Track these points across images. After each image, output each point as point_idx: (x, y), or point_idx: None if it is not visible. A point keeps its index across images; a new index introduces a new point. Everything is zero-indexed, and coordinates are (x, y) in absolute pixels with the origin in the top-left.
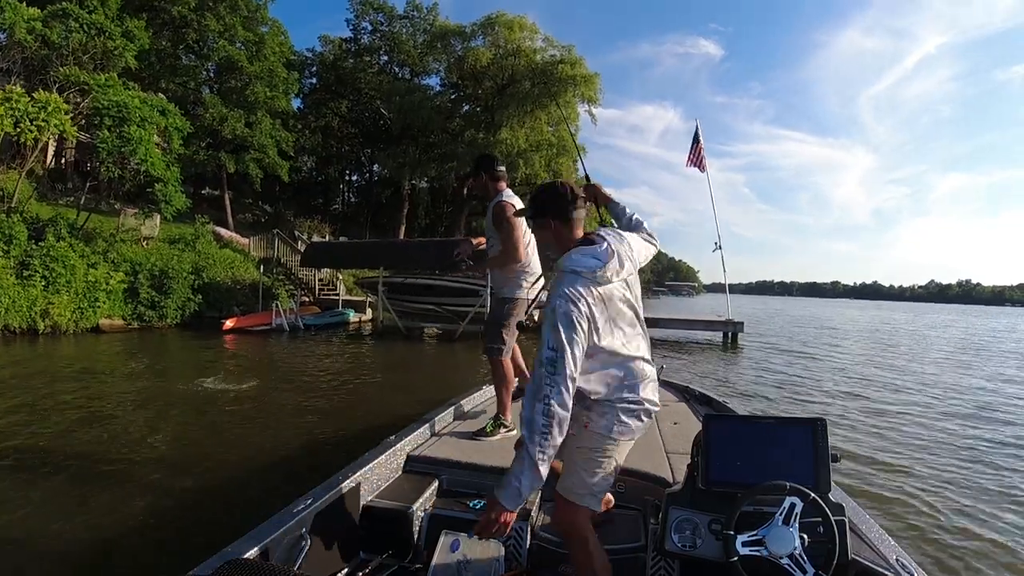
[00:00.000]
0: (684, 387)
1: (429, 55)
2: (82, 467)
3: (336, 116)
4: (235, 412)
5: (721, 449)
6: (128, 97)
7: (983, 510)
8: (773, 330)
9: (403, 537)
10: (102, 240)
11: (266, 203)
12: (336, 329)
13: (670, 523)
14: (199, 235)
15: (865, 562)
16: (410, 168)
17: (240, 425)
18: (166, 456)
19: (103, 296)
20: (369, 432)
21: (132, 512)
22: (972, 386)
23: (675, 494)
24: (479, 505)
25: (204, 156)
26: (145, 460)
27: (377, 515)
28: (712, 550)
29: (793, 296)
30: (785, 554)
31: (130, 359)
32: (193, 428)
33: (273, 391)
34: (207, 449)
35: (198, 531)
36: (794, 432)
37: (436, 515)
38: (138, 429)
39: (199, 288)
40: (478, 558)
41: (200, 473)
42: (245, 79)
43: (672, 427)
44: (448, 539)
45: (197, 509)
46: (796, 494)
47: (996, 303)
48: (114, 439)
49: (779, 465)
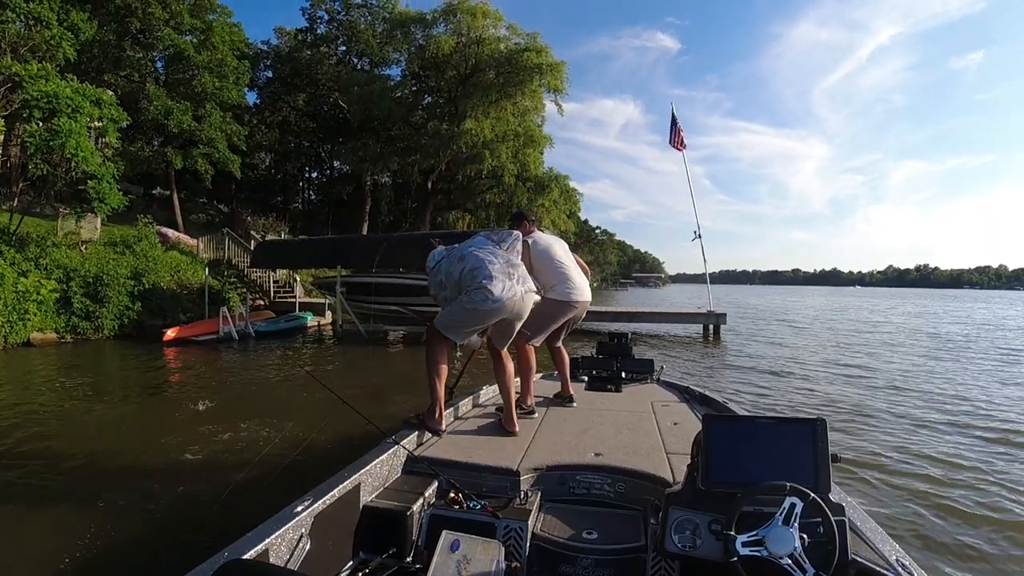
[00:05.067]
0: (684, 387)
1: (389, 44)
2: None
3: (293, 110)
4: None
5: (721, 449)
6: (59, 87)
7: (983, 510)
8: (748, 324)
9: (403, 537)
10: (35, 245)
11: (221, 202)
12: (292, 336)
13: (670, 523)
14: (142, 236)
15: (865, 562)
16: (371, 162)
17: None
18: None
19: (34, 307)
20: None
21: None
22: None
23: (675, 494)
24: (479, 505)
25: (149, 153)
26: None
27: (377, 515)
28: (712, 550)
29: (755, 285)
30: (785, 554)
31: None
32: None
33: (206, 414)
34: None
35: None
36: (794, 432)
37: (436, 515)
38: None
39: (139, 295)
40: (478, 558)
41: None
42: (193, 70)
43: (672, 427)
44: (448, 539)
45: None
46: (796, 494)
47: (954, 286)
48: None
49: (779, 465)
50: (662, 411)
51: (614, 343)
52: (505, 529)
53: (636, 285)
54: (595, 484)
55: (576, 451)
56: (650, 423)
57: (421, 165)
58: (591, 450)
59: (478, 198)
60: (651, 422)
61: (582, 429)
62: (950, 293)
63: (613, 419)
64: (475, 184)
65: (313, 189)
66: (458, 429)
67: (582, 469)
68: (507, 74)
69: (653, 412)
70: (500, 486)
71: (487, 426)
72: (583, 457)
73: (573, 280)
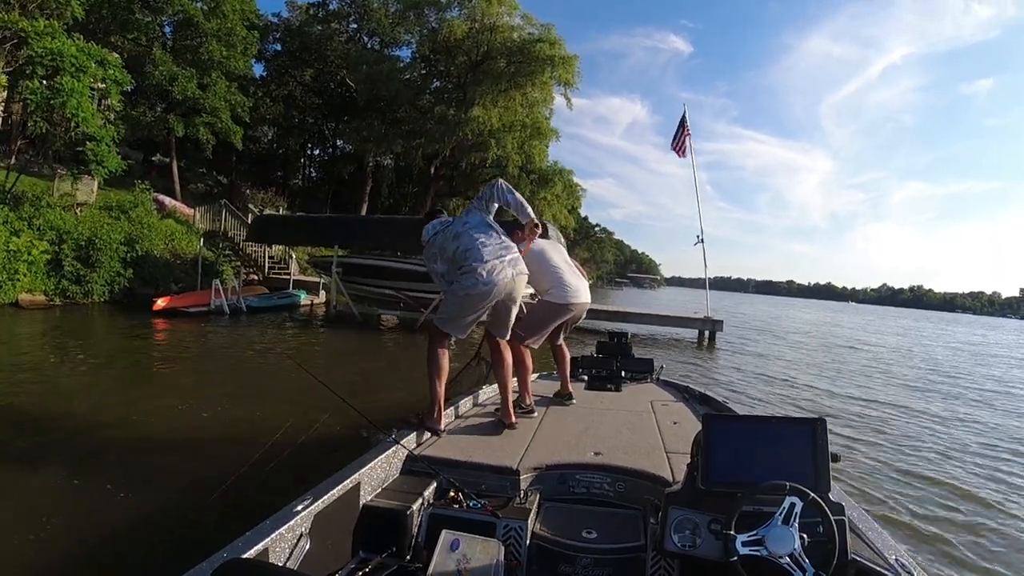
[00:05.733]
0: (684, 387)
1: (401, 25)
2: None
3: (300, 85)
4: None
5: (721, 449)
6: (64, 45)
7: (983, 509)
8: (745, 331)
9: (403, 536)
10: (29, 205)
11: (221, 174)
12: (283, 312)
13: (670, 523)
14: (138, 203)
15: (865, 562)
16: (375, 143)
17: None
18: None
19: (24, 267)
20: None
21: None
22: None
23: (675, 494)
24: (479, 505)
25: (151, 118)
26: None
27: (377, 515)
28: (712, 550)
29: (749, 293)
30: (785, 554)
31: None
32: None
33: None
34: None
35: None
36: (794, 432)
37: (436, 515)
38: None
39: (132, 261)
40: (478, 557)
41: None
42: (201, 37)
43: (672, 427)
44: (448, 539)
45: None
46: (796, 494)
47: (946, 309)
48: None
49: (779, 465)
50: (662, 410)
51: (614, 342)
52: (505, 528)
53: (631, 285)
54: (595, 483)
55: (576, 450)
56: (650, 422)
57: (425, 149)
58: (591, 449)
59: (480, 187)
60: (651, 421)
61: (582, 428)
62: (947, 316)
63: (613, 418)
64: (478, 172)
65: (314, 166)
66: (458, 429)
67: (582, 468)
68: (518, 64)
69: (653, 411)
70: (500, 485)
71: (487, 425)
72: (583, 456)
73: (568, 283)
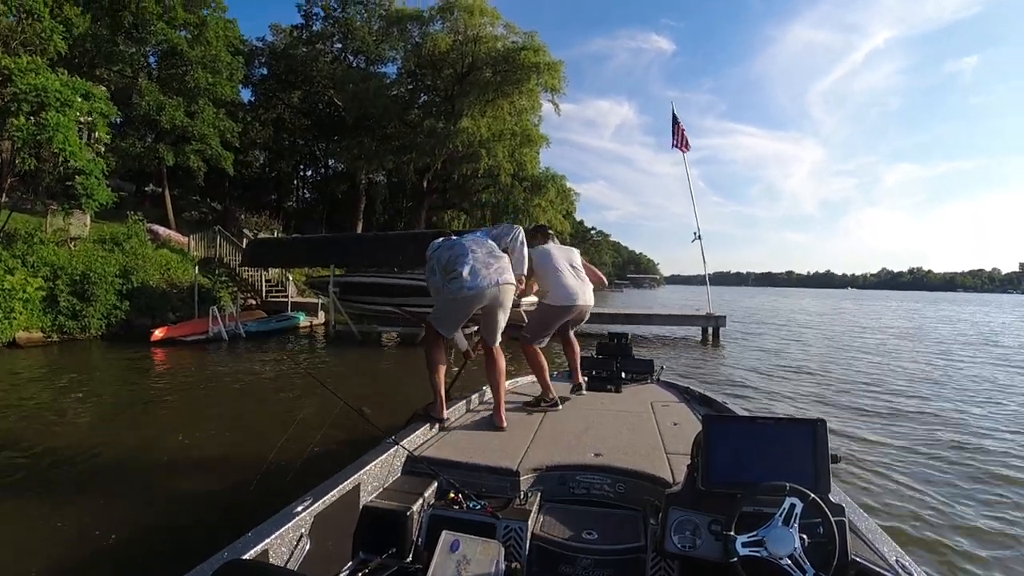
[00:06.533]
0: (684, 387)
1: (385, 42)
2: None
3: (288, 107)
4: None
5: (721, 449)
6: (48, 80)
7: (983, 508)
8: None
9: (403, 537)
10: (22, 242)
11: (214, 200)
12: (283, 336)
13: (670, 523)
14: (132, 234)
15: (865, 562)
16: (366, 160)
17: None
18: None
19: (19, 306)
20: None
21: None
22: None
23: (675, 494)
24: (479, 506)
25: (141, 149)
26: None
27: (377, 515)
28: (712, 551)
29: (748, 286)
30: (785, 555)
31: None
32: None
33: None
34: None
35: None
36: (794, 432)
37: (436, 515)
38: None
39: (128, 293)
40: (478, 558)
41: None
42: (186, 65)
43: (672, 427)
44: (448, 539)
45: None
46: (796, 495)
47: (947, 289)
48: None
49: (779, 465)
50: (662, 411)
51: (614, 343)
52: (505, 529)
53: (631, 286)
54: (595, 484)
55: (576, 451)
56: (650, 423)
57: (417, 164)
58: (591, 450)
59: (474, 197)
60: (651, 422)
61: (582, 429)
62: (948, 296)
63: (613, 419)
64: (471, 183)
65: (307, 187)
66: (458, 429)
67: (582, 469)
68: (504, 73)
69: (653, 412)
70: (500, 486)
71: (487, 427)
72: (583, 457)
73: (568, 285)
